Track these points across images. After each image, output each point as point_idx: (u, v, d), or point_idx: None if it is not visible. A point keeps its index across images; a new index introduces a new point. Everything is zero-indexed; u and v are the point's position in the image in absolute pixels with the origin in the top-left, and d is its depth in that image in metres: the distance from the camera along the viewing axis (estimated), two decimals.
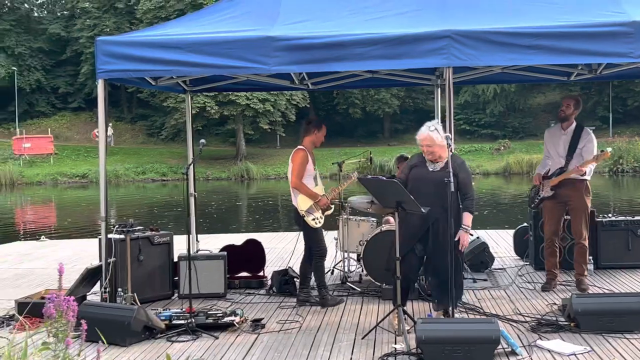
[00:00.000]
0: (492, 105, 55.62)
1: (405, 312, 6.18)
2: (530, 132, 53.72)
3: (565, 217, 8.01)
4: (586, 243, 7.73)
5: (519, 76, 8.88)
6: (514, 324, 6.37)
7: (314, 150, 7.62)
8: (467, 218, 6.21)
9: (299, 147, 7.50)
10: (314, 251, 7.42)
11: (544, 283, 7.84)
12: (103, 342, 4.68)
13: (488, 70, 8.41)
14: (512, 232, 10.27)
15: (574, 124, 7.74)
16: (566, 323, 6.19)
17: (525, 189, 31.37)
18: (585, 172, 7.58)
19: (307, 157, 7.41)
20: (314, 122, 7.67)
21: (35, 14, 67.74)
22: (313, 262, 7.44)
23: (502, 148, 48.91)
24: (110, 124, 56.40)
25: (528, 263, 9.12)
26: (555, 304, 7.05)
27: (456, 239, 6.09)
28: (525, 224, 9.45)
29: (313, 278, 7.54)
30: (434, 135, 6.20)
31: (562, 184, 7.64)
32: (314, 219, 7.36)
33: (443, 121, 6.57)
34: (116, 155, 49.87)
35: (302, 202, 7.34)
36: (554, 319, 6.37)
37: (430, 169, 6.29)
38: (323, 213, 7.49)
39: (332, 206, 7.67)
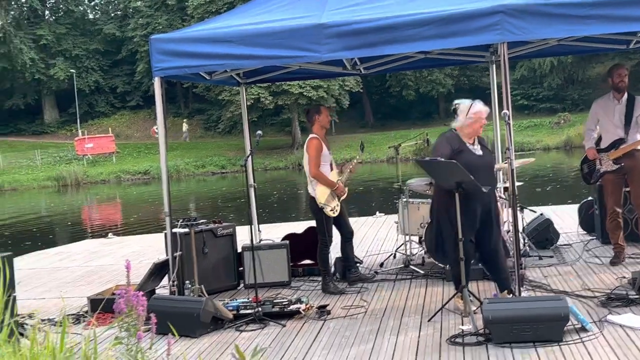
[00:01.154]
0: (550, 79, 54.49)
1: (470, 293, 6.14)
2: (591, 103, 52.17)
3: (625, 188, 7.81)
4: None
5: (576, 47, 8.67)
6: (583, 300, 6.27)
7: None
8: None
9: (312, 135, 7.58)
10: (321, 239, 7.52)
11: (613, 257, 7.68)
12: (174, 335, 4.78)
13: (543, 43, 8.24)
14: (576, 207, 10.07)
15: (626, 93, 7.56)
16: (637, 296, 6.05)
17: None
18: None
19: (321, 144, 7.50)
20: (312, 109, 7.78)
21: (90, 16, 69.15)
22: (319, 250, 7.55)
23: (562, 121, 47.92)
24: (185, 121, 57.25)
25: (595, 237, 8.94)
26: (624, 277, 6.90)
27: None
28: (590, 198, 9.25)
29: (354, 257, 7.82)
30: (484, 107, 6.26)
31: (622, 155, 7.47)
32: (331, 210, 7.46)
33: (499, 98, 6.48)
34: (176, 151, 50.69)
35: (320, 194, 7.42)
36: (624, 292, 6.22)
37: (477, 154, 6.22)
38: (339, 200, 7.58)
39: (346, 190, 7.71)
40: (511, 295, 6.20)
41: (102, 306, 6.76)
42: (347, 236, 7.77)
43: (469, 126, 6.22)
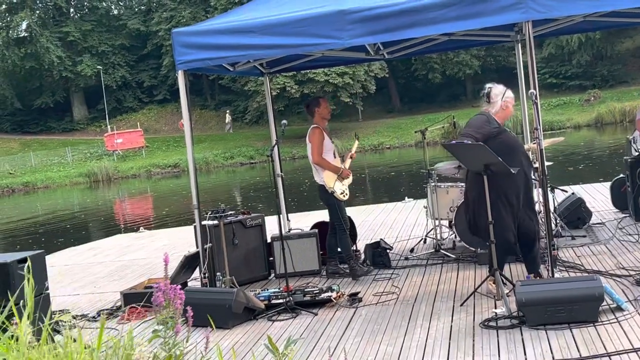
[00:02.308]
0: (578, 55, 53.64)
1: (503, 276, 6.09)
2: (621, 79, 51.59)
3: None
4: None
5: (603, 22, 8.51)
6: (618, 279, 6.18)
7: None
8: None
9: (313, 125, 7.71)
10: (337, 225, 7.59)
11: None
12: (211, 327, 4.79)
13: (569, 20, 8.10)
14: (608, 184, 9.94)
15: None
16: None
17: (619, 138, 30.27)
18: None
19: (323, 133, 7.63)
20: (311, 102, 7.88)
21: (114, 12, 69.55)
22: (337, 236, 7.61)
23: (592, 98, 47.24)
24: (228, 111, 56.94)
25: (628, 215, 8.81)
26: None
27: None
28: (621, 175, 9.11)
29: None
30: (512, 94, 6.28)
31: None
32: (342, 193, 7.57)
33: (526, 77, 6.40)
34: (204, 143, 50.91)
35: (328, 179, 7.53)
36: None
37: (514, 134, 6.24)
38: (347, 184, 7.69)
39: (351, 174, 7.82)
40: (537, 278, 6.14)
41: (137, 300, 6.82)
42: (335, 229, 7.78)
43: (503, 110, 6.23)
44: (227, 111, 58.07)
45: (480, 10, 6.06)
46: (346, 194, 7.64)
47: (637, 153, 7.88)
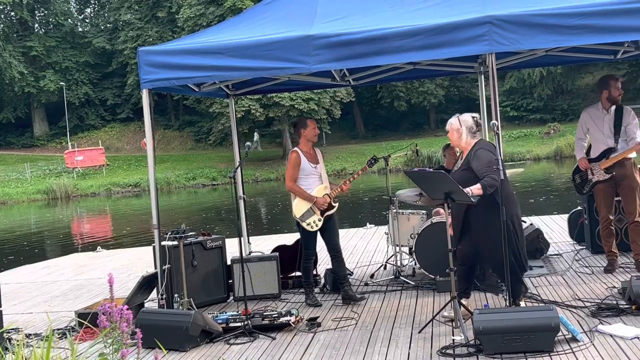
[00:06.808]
0: (539, 89, 54.70)
1: (460, 304, 6.12)
2: (580, 113, 52.52)
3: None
4: None
5: (564, 57, 8.71)
6: (574, 310, 6.26)
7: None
8: (476, 187, 5.86)
9: (293, 149, 7.58)
10: (302, 251, 7.51)
11: (607, 265, 7.68)
12: (161, 349, 4.70)
13: (531, 54, 8.27)
14: (566, 216, 10.09)
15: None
16: (627, 306, 6.04)
17: None
18: None
19: (299, 158, 7.40)
20: (298, 122, 7.73)
21: (80, 29, 68.98)
22: (301, 262, 7.53)
23: (552, 132, 48.12)
24: (257, 130, 55.26)
25: (584, 247, 8.94)
26: (614, 287, 6.90)
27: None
28: (579, 208, 9.27)
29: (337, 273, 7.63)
30: (450, 120, 6.28)
31: (613, 164, 7.51)
32: (308, 224, 7.37)
33: (489, 108, 6.49)
34: (166, 163, 50.57)
35: (296, 208, 7.40)
36: (615, 302, 6.22)
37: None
38: (323, 214, 7.41)
39: (336, 205, 7.54)
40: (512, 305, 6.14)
41: (91, 320, 6.70)
42: (331, 254, 7.56)
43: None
44: (256, 130, 55.66)
45: (445, 41, 6.15)
46: (315, 226, 7.36)
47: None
